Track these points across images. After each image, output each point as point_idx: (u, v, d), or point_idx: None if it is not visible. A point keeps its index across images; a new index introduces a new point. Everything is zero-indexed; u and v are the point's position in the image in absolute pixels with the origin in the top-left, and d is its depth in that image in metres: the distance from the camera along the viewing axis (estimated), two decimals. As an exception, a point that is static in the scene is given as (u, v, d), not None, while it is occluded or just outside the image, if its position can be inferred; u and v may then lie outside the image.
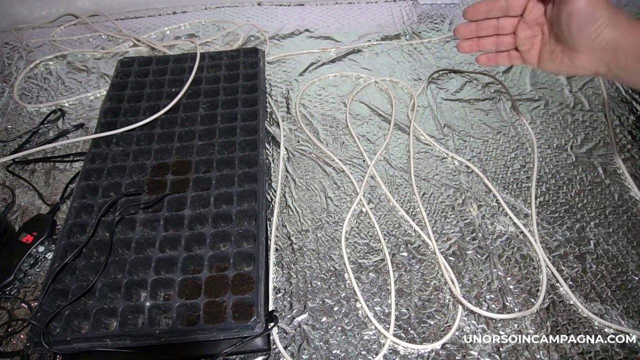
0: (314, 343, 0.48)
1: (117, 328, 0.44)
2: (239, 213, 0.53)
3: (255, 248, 0.50)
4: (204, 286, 0.47)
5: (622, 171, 0.62)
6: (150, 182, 0.57)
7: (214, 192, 0.55)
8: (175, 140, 0.62)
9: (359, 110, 0.73)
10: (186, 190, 0.56)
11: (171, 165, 0.59)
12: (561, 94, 0.74)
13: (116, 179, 0.58)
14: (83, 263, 0.49)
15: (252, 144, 0.61)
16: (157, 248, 0.50)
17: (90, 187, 0.57)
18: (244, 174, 0.57)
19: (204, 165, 0.59)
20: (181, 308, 0.46)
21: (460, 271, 0.53)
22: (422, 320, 0.49)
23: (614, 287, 0.51)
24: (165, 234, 0.51)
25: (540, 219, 0.58)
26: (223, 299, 0.46)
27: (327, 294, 0.52)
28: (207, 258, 0.49)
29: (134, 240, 0.51)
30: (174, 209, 0.54)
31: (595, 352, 0.46)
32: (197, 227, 0.53)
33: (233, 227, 0.52)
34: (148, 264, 0.49)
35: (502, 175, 0.63)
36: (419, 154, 0.66)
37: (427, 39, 0.87)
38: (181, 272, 0.48)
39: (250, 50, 0.76)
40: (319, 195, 0.61)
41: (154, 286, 0.48)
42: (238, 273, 0.48)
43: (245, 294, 0.46)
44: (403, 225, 0.58)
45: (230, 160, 0.59)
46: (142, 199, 0.55)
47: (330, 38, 0.88)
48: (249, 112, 0.65)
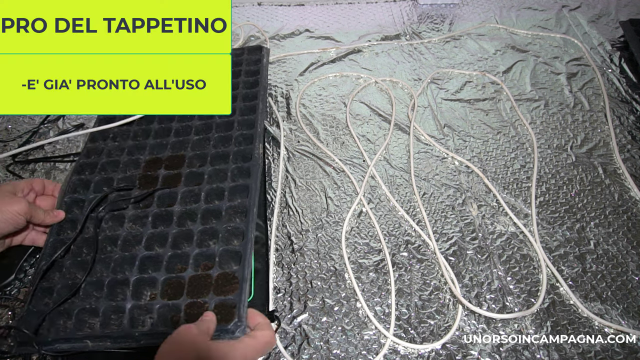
0: (314, 343, 0.48)
1: (98, 329, 0.43)
2: (229, 209, 0.51)
3: (243, 246, 0.47)
4: (186, 286, 0.45)
5: (622, 171, 0.63)
6: (142, 177, 0.55)
7: (205, 187, 0.53)
8: (172, 135, 0.61)
9: (359, 110, 0.73)
10: (177, 185, 0.54)
11: (165, 159, 0.58)
12: (561, 94, 0.74)
13: (109, 173, 0.57)
14: (69, 261, 0.48)
15: (248, 138, 0.59)
16: (143, 246, 0.48)
17: (83, 181, 0.55)
18: (237, 168, 0.55)
19: (199, 160, 0.57)
20: (163, 309, 0.44)
21: (460, 271, 0.53)
22: (422, 320, 0.49)
23: (614, 287, 0.51)
24: (152, 231, 0.50)
25: (540, 219, 0.58)
26: (205, 299, 0.43)
27: (327, 293, 0.52)
28: (192, 256, 0.47)
29: (121, 238, 0.49)
30: (165, 204, 0.52)
31: (595, 352, 0.46)
32: (187, 223, 0.51)
33: (222, 224, 0.49)
34: (133, 262, 0.47)
35: (502, 175, 0.63)
36: (419, 154, 0.66)
37: (427, 39, 0.87)
38: (165, 271, 0.46)
39: (254, 48, 0.75)
40: (319, 195, 0.61)
41: (136, 285, 0.46)
42: (222, 272, 0.45)
43: (228, 295, 0.43)
44: (403, 225, 0.58)
45: (225, 155, 0.57)
46: (132, 194, 0.53)
47: (331, 38, 0.88)
48: (248, 106, 0.64)
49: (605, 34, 0.86)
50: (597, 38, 0.85)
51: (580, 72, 0.78)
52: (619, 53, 0.82)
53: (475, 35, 0.87)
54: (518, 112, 0.71)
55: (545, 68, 0.79)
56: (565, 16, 0.91)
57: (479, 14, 0.93)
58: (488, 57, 0.82)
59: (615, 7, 0.93)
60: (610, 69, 0.79)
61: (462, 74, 0.79)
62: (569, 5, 0.94)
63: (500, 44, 0.85)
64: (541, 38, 0.86)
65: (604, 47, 0.83)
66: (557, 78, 0.77)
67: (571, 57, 0.81)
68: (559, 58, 0.81)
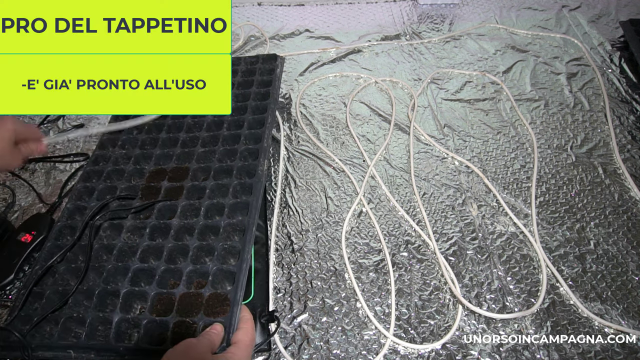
0: (314, 343, 0.48)
1: (84, 339, 0.42)
2: (227, 226, 0.50)
3: (238, 266, 0.45)
4: (176, 303, 0.43)
5: (622, 171, 0.63)
6: (146, 187, 0.55)
7: (206, 202, 0.52)
8: (178, 146, 0.60)
9: (359, 111, 0.73)
10: (179, 198, 0.53)
11: (169, 171, 0.57)
12: (561, 94, 0.74)
13: (114, 182, 0.57)
14: (63, 267, 0.47)
15: (254, 153, 0.57)
16: (137, 257, 0.47)
17: (88, 189, 0.56)
18: (240, 184, 0.54)
19: (203, 173, 0.56)
20: (150, 325, 0.43)
21: (460, 271, 0.53)
22: (422, 320, 0.49)
23: (614, 287, 0.51)
24: (148, 243, 0.49)
25: (540, 219, 0.58)
26: (194, 319, 0.42)
27: (327, 293, 0.52)
28: (186, 273, 0.46)
29: (117, 248, 0.49)
30: (165, 217, 0.52)
31: (595, 352, 0.46)
32: (184, 238, 0.50)
33: (218, 241, 0.48)
34: (126, 273, 0.46)
35: (502, 175, 0.63)
36: (419, 154, 0.66)
37: (427, 39, 0.87)
38: (157, 286, 0.45)
39: (269, 57, 0.72)
40: (319, 195, 0.61)
41: (126, 298, 0.45)
42: (214, 293, 0.44)
43: (217, 317, 0.42)
44: (403, 225, 0.58)
45: (229, 169, 0.56)
46: (134, 204, 0.53)
47: (331, 38, 0.88)
48: (257, 119, 0.62)
49: (605, 34, 0.86)
50: (597, 38, 0.85)
51: (580, 72, 0.78)
52: (619, 53, 0.82)
53: (475, 35, 0.87)
54: (518, 112, 0.71)
55: (545, 68, 0.79)
56: (565, 16, 0.91)
57: (479, 14, 0.93)
58: (488, 57, 0.82)
59: (615, 7, 0.93)
60: (610, 69, 0.79)
61: (462, 74, 0.79)
62: (569, 5, 0.94)
63: (500, 44, 0.85)
64: (541, 38, 0.86)
65: (604, 47, 0.83)
66: (557, 78, 0.77)
67: (571, 57, 0.81)
68: (559, 58, 0.81)
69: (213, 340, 0.38)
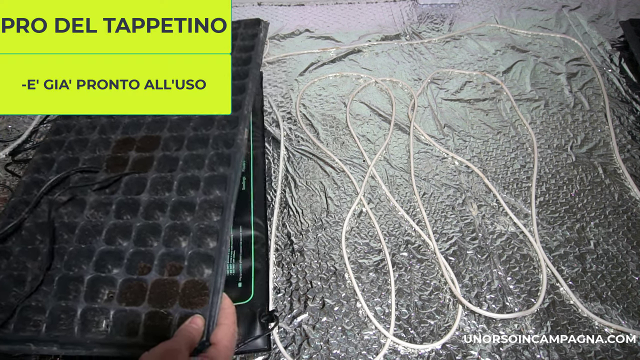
0: (314, 343, 0.48)
1: (44, 331, 0.37)
2: (204, 203, 0.45)
3: (217, 250, 0.41)
4: (148, 291, 0.39)
5: (622, 171, 0.63)
6: (111, 158, 0.50)
7: (179, 175, 0.47)
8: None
9: (359, 110, 0.73)
10: (148, 171, 0.48)
11: (138, 140, 0.52)
12: (561, 94, 0.74)
13: (76, 153, 0.51)
14: (19, 248, 0.42)
15: (233, 121, 0.52)
16: (103, 238, 0.42)
17: (47, 160, 0.50)
18: (216, 155, 0.49)
19: (175, 143, 0.51)
20: (119, 314, 0.38)
21: (460, 271, 0.53)
22: (422, 320, 0.49)
23: (614, 287, 0.51)
24: (115, 221, 0.44)
25: (540, 219, 0.58)
26: (169, 310, 0.37)
27: (327, 293, 0.52)
28: (158, 256, 0.41)
29: (79, 226, 0.43)
30: (134, 192, 0.47)
31: (595, 352, 0.46)
32: (156, 215, 0.45)
33: (194, 221, 0.43)
34: (90, 256, 0.41)
35: (502, 175, 0.63)
36: (419, 154, 0.66)
37: (427, 39, 0.87)
38: (126, 270, 0.41)
39: (251, 22, 0.67)
40: (319, 195, 0.61)
41: (92, 284, 0.40)
42: (191, 280, 0.39)
43: (195, 308, 0.37)
44: (403, 225, 0.58)
45: (204, 139, 0.51)
46: (98, 177, 0.48)
47: (331, 38, 0.88)
48: (237, 85, 0.56)
49: (605, 34, 0.86)
50: (597, 38, 0.85)
51: (580, 72, 0.78)
52: (619, 53, 0.82)
53: (475, 35, 0.87)
54: (518, 112, 0.71)
55: (545, 68, 0.79)
56: (565, 16, 0.91)
57: (479, 14, 0.93)
58: (488, 57, 0.82)
59: (615, 7, 0.93)
60: (610, 69, 0.79)
61: (462, 74, 0.79)
62: (569, 5, 0.94)
63: (500, 44, 0.85)
64: (541, 38, 0.86)
65: (604, 47, 0.83)
66: (557, 78, 0.77)
67: (571, 57, 0.81)
68: (559, 58, 0.81)
69: (192, 337, 0.35)
